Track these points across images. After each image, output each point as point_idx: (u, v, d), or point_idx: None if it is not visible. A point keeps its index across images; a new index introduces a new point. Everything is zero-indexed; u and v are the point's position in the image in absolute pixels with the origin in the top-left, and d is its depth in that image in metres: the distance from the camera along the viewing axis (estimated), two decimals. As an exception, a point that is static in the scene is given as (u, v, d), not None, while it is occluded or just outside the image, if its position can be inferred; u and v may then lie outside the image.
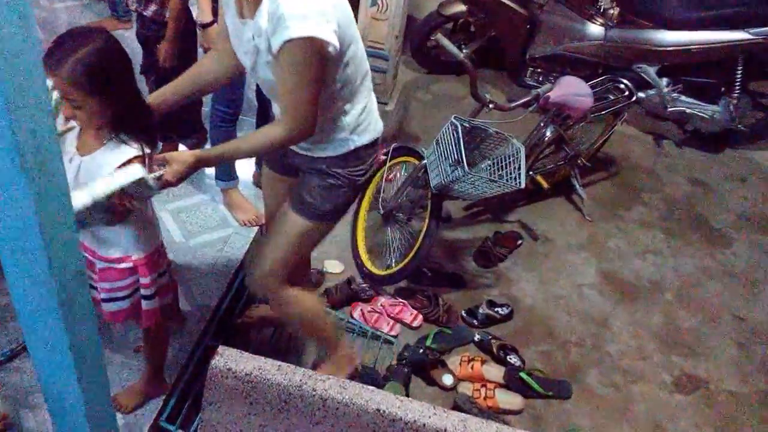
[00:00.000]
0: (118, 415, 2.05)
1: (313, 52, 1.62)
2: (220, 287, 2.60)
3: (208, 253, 2.73)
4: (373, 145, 2.02)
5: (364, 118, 1.93)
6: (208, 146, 3.13)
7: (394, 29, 3.66)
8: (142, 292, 1.94)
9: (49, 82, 1.61)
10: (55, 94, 1.61)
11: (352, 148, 1.94)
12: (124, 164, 1.67)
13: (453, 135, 2.64)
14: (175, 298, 2.37)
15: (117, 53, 1.66)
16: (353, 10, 1.81)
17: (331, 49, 1.63)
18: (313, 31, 1.58)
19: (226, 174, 2.90)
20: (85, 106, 1.62)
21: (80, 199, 1.56)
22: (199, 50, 2.88)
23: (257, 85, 2.76)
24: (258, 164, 3.05)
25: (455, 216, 3.41)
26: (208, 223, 2.90)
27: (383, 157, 3.21)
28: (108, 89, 1.63)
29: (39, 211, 1.25)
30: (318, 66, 1.66)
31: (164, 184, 1.71)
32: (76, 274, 1.46)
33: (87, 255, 1.88)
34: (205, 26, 2.59)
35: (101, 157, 1.70)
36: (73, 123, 1.75)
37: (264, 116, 2.97)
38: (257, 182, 3.05)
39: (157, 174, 1.68)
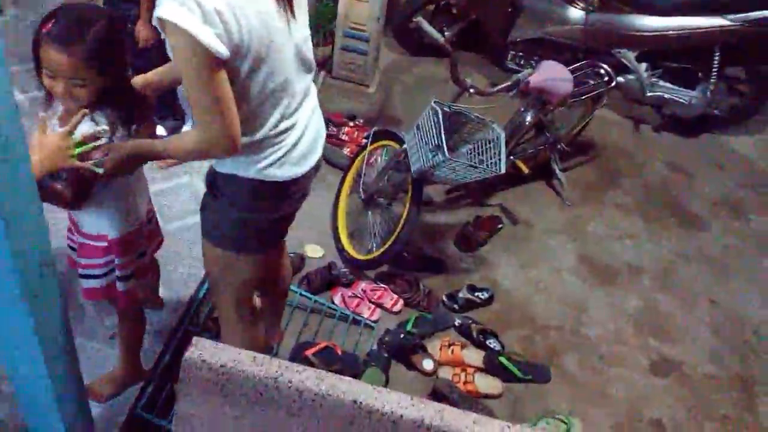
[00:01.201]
0: (93, 404, 2.03)
1: (191, 46, 1.38)
2: (199, 273, 2.59)
3: (187, 237, 2.71)
4: (264, 185, 1.69)
5: (252, 152, 1.64)
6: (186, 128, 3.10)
7: (375, 11, 3.63)
8: (117, 272, 1.92)
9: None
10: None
11: (225, 173, 1.70)
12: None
13: (433, 119, 2.63)
14: (156, 281, 2.36)
15: (123, 29, 1.69)
16: None
17: (214, 53, 1.39)
18: (183, 21, 1.35)
19: None
20: (92, 84, 1.60)
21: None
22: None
23: None
24: None
25: (436, 200, 3.41)
26: (187, 206, 2.87)
27: (364, 141, 3.20)
28: (112, 66, 1.63)
29: (2, 200, 1.23)
30: (200, 64, 1.40)
31: (108, 172, 1.63)
32: (42, 264, 1.44)
33: (72, 228, 1.90)
34: None
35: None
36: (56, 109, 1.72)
37: None
38: None
39: (97, 160, 1.61)
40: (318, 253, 3.02)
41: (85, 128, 1.64)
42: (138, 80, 1.82)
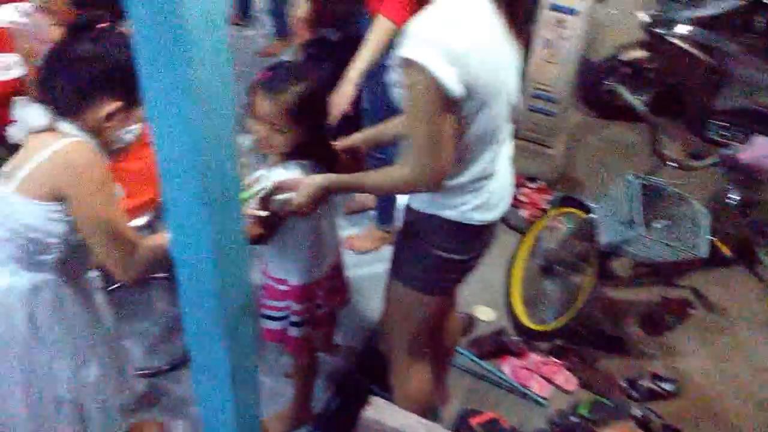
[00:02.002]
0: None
1: (427, 83, 1.41)
2: (373, 322, 2.59)
3: (366, 286, 2.73)
4: (466, 228, 1.71)
5: (458, 194, 1.67)
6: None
7: (565, 73, 3.53)
8: (291, 318, 1.97)
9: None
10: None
11: (429, 213, 1.72)
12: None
13: (628, 192, 2.48)
14: (332, 331, 2.39)
15: (325, 91, 1.81)
16: (524, 53, 1.67)
17: (448, 92, 1.42)
18: (424, 59, 1.39)
19: (387, 216, 2.91)
20: (288, 132, 1.72)
21: None
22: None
23: None
24: None
25: (620, 274, 3.18)
26: (369, 256, 2.90)
27: (546, 205, 3.09)
28: (310, 121, 1.74)
29: (215, 242, 1.28)
30: (432, 101, 1.44)
31: (296, 208, 1.68)
32: (243, 306, 1.49)
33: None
34: None
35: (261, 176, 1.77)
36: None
37: None
38: None
39: (286, 195, 1.67)
40: (489, 316, 2.92)
41: (276, 175, 1.73)
42: (355, 138, 1.92)
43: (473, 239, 1.78)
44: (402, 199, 1.85)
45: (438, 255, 1.76)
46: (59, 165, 1.47)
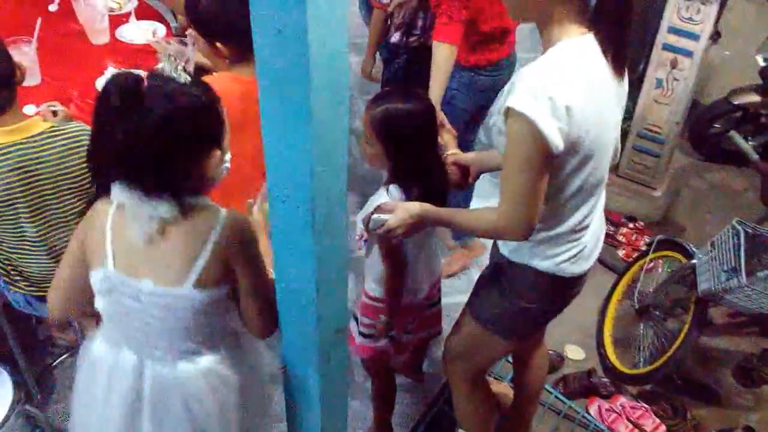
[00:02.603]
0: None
1: (530, 135, 1.41)
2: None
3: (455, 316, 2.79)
4: (556, 279, 1.70)
5: (555, 244, 1.66)
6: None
7: (675, 114, 3.49)
8: (360, 328, 2.05)
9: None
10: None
11: (521, 263, 1.71)
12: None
13: (733, 240, 2.43)
14: (421, 358, 2.45)
15: (420, 120, 1.84)
16: (635, 92, 1.66)
17: (551, 147, 1.41)
18: (530, 111, 1.38)
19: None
20: (372, 145, 1.85)
21: None
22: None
23: None
24: None
25: (717, 321, 3.10)
26: (458, 284, 2.97)
27: (645, 247, 3.06)
28: (398, 144, 1.82)
29: (320, 266, 1.34)
30: (532, 154, 1.42)
31: (389, 231, 1.70)
32: (338, 330, 1.56)
33: None
34: None
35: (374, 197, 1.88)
36: None
37: None
38: None
39: (381, 217, 1.70)
40: (579, 355, 2.91)
41: (378, 196, 1.84)
42: (453, 157, 2.00)
43: (563, 291, 1.77)
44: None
45: (524, 306, 1.76)
46: (229, 243, 1.41)
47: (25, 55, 2.26)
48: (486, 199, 2.95)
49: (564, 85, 1.41)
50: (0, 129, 1.72)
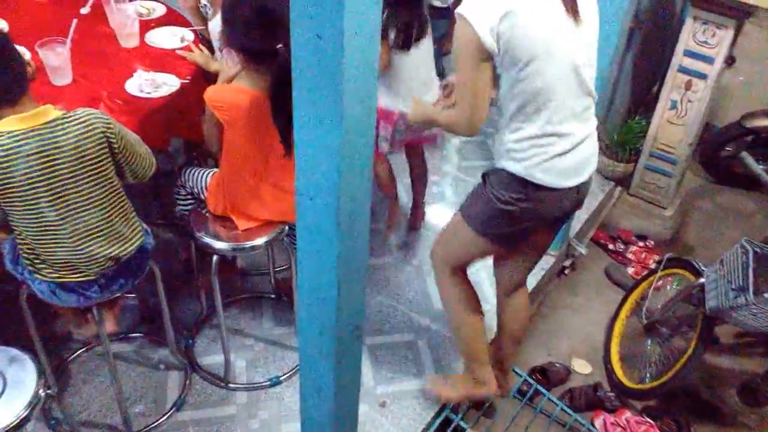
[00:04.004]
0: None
1: (464, 34, 1.72)
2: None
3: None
4: (526, 185, 1.90)
5: (522, 149, 1.87)
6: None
7: (688, 135, 3.54)
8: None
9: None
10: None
11: (500, 167, 1.95)
12: None
13: (742, 258, 2.46)
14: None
15: None
16: (648, 112, 1.74)
17: (482, 43, 1.70)
18: (468, 13, 1.70)
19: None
20: None
21: None
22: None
23: None
24: None
25: (724, 341, 3.12)
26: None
27: (654, 265, 3.09)
28: None
29: (341, 265, 1.40)
30: (469, 52, 1.74)
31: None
32: (355, 329, 1.61)
33: None
34: None
35: None
36: None
37: None
38: None
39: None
40: (585, 369, 2.95)
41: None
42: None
43: (534, 196, 1.92)
44: None
45: (499, 207, 1.95)
46: None
47: (58, 55, 2.33)
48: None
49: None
50: (17, 116, 1.78)
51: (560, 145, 1.87)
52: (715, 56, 3.30)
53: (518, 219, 1.97)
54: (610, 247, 3.55)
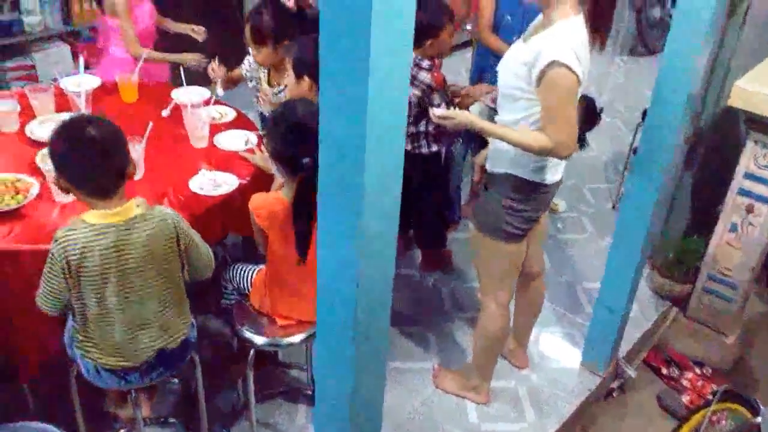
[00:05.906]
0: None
1: (568, 82, 2.10)
2: None
3: None
4: (536, 186, 2.35)
5: (528, 155, 2.25)
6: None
7: (749, 259, 3.43)
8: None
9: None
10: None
11: (503, 173, 2.37)
12: None
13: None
14: None
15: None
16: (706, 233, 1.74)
17: (580, 82, 2.12)
18: (567, 60, 2.08)
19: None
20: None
21: None
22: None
23: None
24: None
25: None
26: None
27: (710, 396, 2.94)
28: None
29: (364, 268, 1.36)
30: (572, 96, 2.13)
31: (442, 119, 2.33)
32: (377, 345, 1.55)
33: None
34: None
35: None
36: None
37: None
38: None
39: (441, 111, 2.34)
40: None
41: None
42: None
43: (535, 192, 2.38)
44: None
45: (508, 204, 2.37)
46: None
47: (135, 152, 2.55)
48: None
49: (574, 45, 2.08)
50: (106, 211, 1.95)
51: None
52: (777, 181, 3.24)
53: (527, 210, 2.40)
54: (664, 371, 3.41)
